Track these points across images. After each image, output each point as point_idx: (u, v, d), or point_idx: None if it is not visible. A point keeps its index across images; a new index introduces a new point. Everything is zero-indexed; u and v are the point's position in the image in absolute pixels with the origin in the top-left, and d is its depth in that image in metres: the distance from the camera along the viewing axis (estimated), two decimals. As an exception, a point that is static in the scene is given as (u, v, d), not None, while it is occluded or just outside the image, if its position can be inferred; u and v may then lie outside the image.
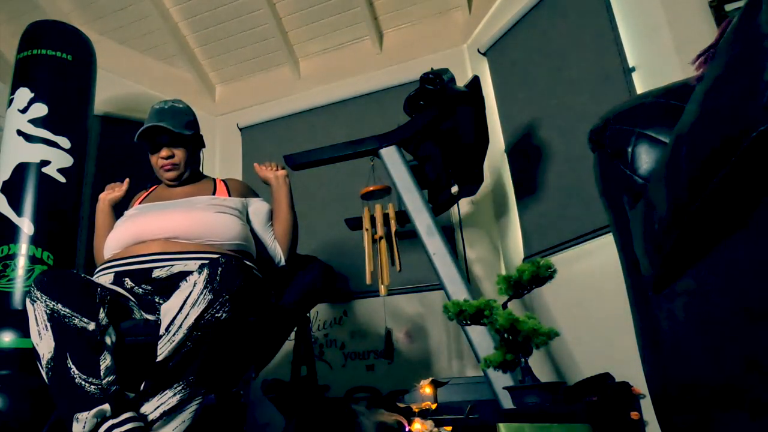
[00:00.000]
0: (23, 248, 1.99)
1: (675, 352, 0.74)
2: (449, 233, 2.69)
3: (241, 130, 3.39)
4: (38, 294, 1.11)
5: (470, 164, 2.15)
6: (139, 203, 1.54)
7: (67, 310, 1.08)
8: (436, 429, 1.56)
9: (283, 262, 1.59)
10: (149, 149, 1.55)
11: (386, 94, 3.03)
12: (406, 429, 1.61)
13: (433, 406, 1.62)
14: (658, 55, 1.87)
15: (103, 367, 1.04)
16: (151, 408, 1.03)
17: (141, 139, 1.52)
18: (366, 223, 2.26)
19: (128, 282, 1.27)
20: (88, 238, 2.44)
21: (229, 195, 1.54)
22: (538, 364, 2.08)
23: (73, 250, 2.15)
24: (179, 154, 1.53)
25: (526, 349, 1.12)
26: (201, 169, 1.68)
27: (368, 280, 2.19)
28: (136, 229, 1.36)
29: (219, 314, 1.08)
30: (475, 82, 2.15)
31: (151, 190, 1.61)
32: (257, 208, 1.59)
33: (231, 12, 3.07)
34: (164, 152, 1.52)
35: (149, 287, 1.27)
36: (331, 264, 1.82)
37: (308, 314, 1.79)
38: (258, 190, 1.69)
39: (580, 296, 2.03)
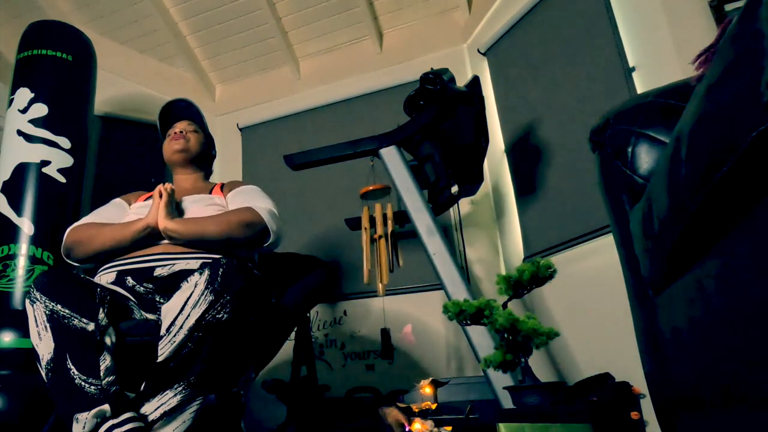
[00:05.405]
0: (23, 248, 1.99)
1: (675, 351, 0.74)
2: (449, 233, 2.69)
3: (241, 130, 3.39)
4: (38, 295, 1.11)
5: (470, 164, 2.15)
6: (143, 200, 1.54)
7: (67, 311, 1.08)
8: (436, 429, 1.56)
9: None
10: (167, 125, 1.66)
11: (386, 94, 3.03)
12: (407, 429, 1.61)
13: (433, 406, 1.62)
14: (658, 55, 1.87)
15: (102, 367, 1.04)
16: (152, 408, 1.03)
17: (161, 118, 1.61)
18: (365, 223, 2.26)
19: (130, 280, 1.28)
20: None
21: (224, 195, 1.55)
22: (538, 364, 2.08)
23: (73, 250, 2.14)
24: (193, 139, 1.59)
25: (526, 349, 1.12)
26: (209, 178, 1.71)
27: (365, 279, 2.19)
28: None
29: (220, 315, 1.08)
30: (475, 82, 2.15)
31: (153, 192, 1.61)
32: (232, 196, 1.53)
33: (231, 12, 3.07)
34: (179, 125, 1.62)
35: (151, 286, 1.27)
36: (330, 264, 1.81)
37: (308, 314, 1.79)
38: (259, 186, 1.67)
39: (580, 296, 2.03)
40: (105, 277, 1.31)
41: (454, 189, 2.10)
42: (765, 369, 0.50)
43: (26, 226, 2.01)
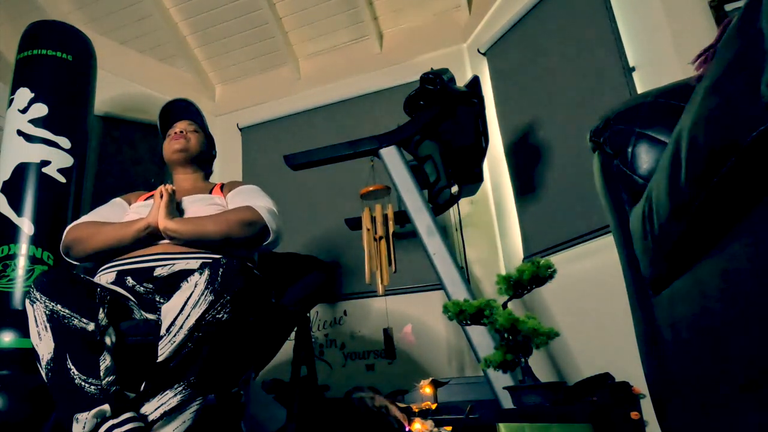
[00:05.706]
0: (23, 248, 1.99)
1: (675, 351, 0.74)
2: (449, 233, 2.69)
3: (241, 130, 3.39)
4: (38, 295, 1.11)
5: (470, 164, 2.15)
6: (143, 200, 1.54)
7: (67, 311, 1.08)
8: (436, 429, 1.56)
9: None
10: (167, 125, 1.65)
11: (386, 94, 3.03)
12: (406, 429, 1.61)
13: (433, 406, 1.62)
14: (658, 55, 1.87)
15: (102, 367, 1.04)
16: (152, 408, 1.03)
17: (161, 118, 1.61)
18: (366, 223, 2.26)
19: (130, 280, 1.28)
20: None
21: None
22: (538, 364, 2.08)
23: (73, 250, 2.14)
24: (193, 139, 1.60)
25: (526, 349, 1.12)
26: (209, 178, 1.71)
27: (368, 280, 2.19)
28: None
29: (220, 315, 1.08)
30: (475, 82, 2.15)
31: (153, 192, 1.61)
32: (231, 196, 1.52)
33: (231, 12, 3.07)
34: (179, 125, 1.59)
35: (150, 286, 1.27)
36: (330, 264, 1.81)
37: (308, 314, 1.79)
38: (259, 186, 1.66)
39: (580, 296, 2.03)
40: (105, 277, 1.31)
41: (454, 189, 2.11)
42: (765, 369, 0.50)
43: (26, 226, 2.01)
